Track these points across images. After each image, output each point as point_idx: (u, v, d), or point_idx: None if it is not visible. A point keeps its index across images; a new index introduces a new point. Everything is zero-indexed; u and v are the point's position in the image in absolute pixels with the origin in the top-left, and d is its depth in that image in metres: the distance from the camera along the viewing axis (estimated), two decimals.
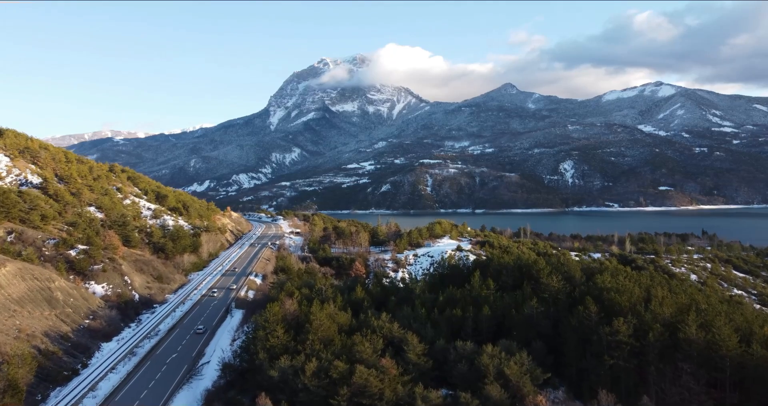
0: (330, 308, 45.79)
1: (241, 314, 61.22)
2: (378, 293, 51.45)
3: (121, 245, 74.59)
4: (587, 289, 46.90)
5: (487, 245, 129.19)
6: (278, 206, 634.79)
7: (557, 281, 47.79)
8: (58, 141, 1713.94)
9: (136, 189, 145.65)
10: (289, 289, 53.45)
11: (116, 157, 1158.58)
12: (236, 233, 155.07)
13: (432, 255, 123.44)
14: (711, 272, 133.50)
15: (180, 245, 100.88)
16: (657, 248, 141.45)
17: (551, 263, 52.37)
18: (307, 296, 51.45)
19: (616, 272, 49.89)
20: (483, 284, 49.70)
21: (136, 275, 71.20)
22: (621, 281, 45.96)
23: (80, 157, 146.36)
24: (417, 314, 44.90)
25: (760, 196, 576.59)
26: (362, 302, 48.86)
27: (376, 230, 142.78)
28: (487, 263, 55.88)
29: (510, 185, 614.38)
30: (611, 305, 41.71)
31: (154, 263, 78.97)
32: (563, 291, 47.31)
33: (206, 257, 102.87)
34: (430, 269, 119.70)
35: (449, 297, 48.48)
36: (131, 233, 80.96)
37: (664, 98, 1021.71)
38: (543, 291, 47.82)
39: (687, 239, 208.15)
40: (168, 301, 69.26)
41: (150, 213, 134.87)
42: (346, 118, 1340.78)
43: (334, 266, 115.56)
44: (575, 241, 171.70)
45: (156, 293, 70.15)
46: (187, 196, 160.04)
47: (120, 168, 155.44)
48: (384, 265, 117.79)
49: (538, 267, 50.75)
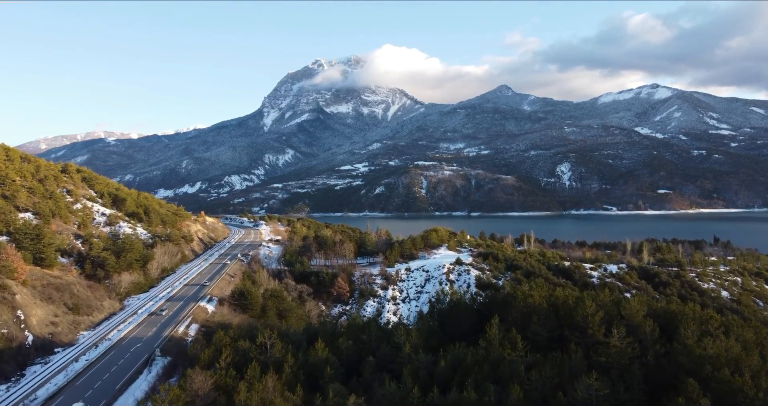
0: (270, 381, 29.15)
1: (165, 364, 44.40)
2: (350, 352, 34.75)
3: (25, 265, 57.41)
4: (666, 350, 30.66)
5: (491, 257, 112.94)
6: (270, 208, 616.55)
7: (619, 337, 31.43)
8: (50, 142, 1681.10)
9: (91, 192, 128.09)
10: (220, 342, 36.73)
11: (107, 158, 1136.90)
12: (207, 242, 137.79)
13: (427, 269, 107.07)
14: (743, 287, 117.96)
15: (125, 259, 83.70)
16: (680, 260, 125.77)
17: (601, 303, 36.21)
18: (243, 354, 34.73)
19: (703, 318, 33.82)
20: (505, 339, 33.26)
21: (40, 306, 54.07)
22: (721, 340, 29.73)
23: (27, 154, 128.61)
24: (406, 394, 28.40)
25: (761, 199, 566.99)
26: (324, 368, 32.20)
27: (364, 238, 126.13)
28: (508, 301, 39.38)
29: (506, 188, 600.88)
30: (721, 386, 25.46)
31: (73, 288, 61.80)
32: (628, 354, 30.95)
33: (156, 273, 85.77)
34: (424, 287, 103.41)
35: (455, 361, 31.96)
36: (46, 249, 63.73)
37: (661, 100, 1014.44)
38: (597, 353, 31.43)
39: (701, 247, 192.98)
40: (78, 342, 52.20)
41: (104, 219, 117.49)
42: (340, 120, 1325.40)
43: (312, 282, 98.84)
44: (584, 250, 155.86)
45: (63, 332, 53.07)
46: (152, 200, 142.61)
47: (75, 168, 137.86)
48: (371, 281, 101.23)
49: (585, 312, 34.42)
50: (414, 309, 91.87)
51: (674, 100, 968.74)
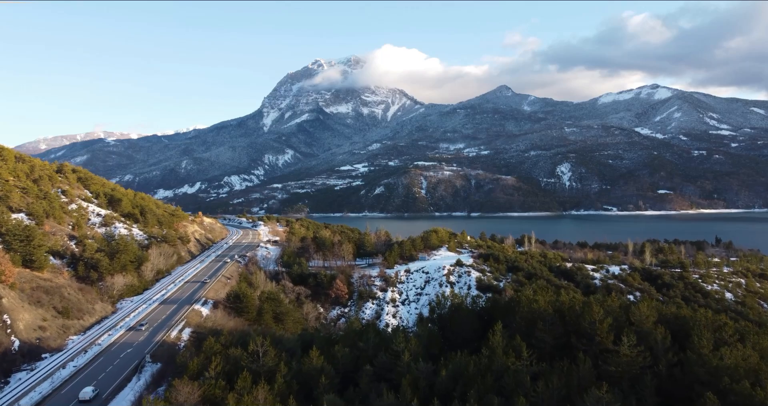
0: (261, 392, 27.57)
1: (155, 371, 42.77)
2: (346, 360, 33.15)
3: (13, 268, 55.80)
4: (679, 360, 29.08)
5: (491, 258, 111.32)
6: (269, 208, 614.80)
7: (629, 345, 29.83)
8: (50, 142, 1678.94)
9: (87, 192, 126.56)
10: (210, 350, 35.12)
11: (107, 158, 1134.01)
12: (204, 243, 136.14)
13: (427, 271, 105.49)
14: (747, 289, 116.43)
15: (119, 261, 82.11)
16: (683, 261, 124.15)
17: (609, 309, 34.60)
18: (235, 363, 33.12)
19: (716, 325, 32.24)
20: (509, 347, 31.67)
21: (28, 310, 52.48)
22: (738, 349, 28.13)
23: (21, 154, 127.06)
24: None
25: (761, 200, 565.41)
26: (319, 377, 30.60)
27: (363, 239, 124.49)
28: (512, 306, 37.78)
29: (506, 188, 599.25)
30: (740, 400, 23.89)
31: (64, 290, 60.20)
32: (639, 363, 29.36)
33: (151, 275, 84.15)
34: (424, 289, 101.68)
35: (457, 370, 30.36)
36: (36, 251, 62.09)
37: (661, 101, 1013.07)
38: (607, 362, 29.84)
39: (703, 248, 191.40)
40: (67, 347, 50.60)
41: (99, 220, 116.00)
42: (340, 120, 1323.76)
43: (310, 284, 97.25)
44: (586, 251, 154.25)
45: (52, 336, 51.48)
46: (149, 200, 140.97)
47: (71, 168, 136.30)
48: (370, 283, 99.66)
49: (593, 318, 32.83)
50: (414, 312, 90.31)
51: (674, 101, 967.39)
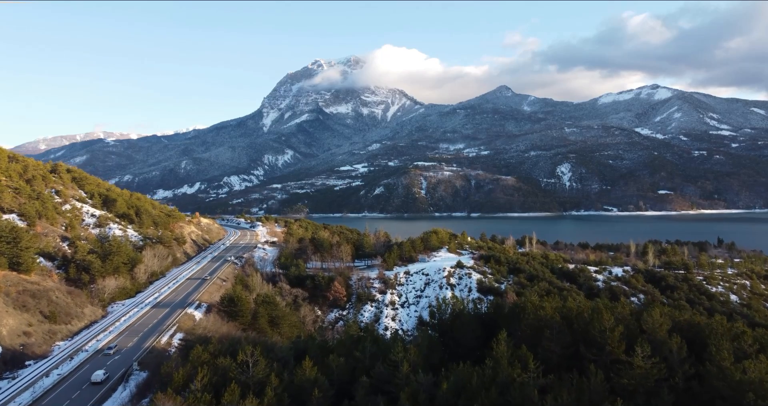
0: (249, 405, 25.61)
1: (140, 381, 40.81)
2: (341, 370, 31.21)
3: (0, 270, 53.88)
4: (696, 372, 27.15)
5: (492, 260, 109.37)
6: (269, 208, 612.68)
7: (643, 356, 27.93)
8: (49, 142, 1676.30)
9: (81, 192, 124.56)
10: (197, 359, 33.17)
11: (106, 158, 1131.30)
12: (201, 244, 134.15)
13: (427, 272, 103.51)
14: (752, 290, 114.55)
15: (112, 263, 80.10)
16: (687, 263, 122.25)
17: (619, 316, 32.67)
18: (223, 374, 31.19)
19: (734, 334, 30.31)
20: (514, 357, 29.75)
21: (12, 315, 50.53)
22: (761, 362, 26.21)
23: (15, 154, 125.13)
24: None
25: (762, 200, 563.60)
26: (312, 390, 28.67)
27: (362, 240, 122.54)
28: (516, 312, 35.82)
29: (506, 188, 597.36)
30: None
31: (51, 294, 58.23)
32: (654, 375, 27.44)
33: (144, 278, 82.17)
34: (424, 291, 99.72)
35: (459, 383, 28.43)
36: (23, 253, 60.13)
37: (661, 101, 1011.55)
38: (619, 374, 27.93)
39: (705, 249, 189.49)
40: (52, 353, 48.64)
41: (93, 221, 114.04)
42: (339, 120, 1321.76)
43: (308, 286, 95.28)
44: (588, 252, 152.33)
45: (37, 342, 49.52)
46: (145, 201, 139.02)
47: (65, 168, 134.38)
48: (369, 285, 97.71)
49: (603, 326, 30.91)
50: (413, 314, 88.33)
51: (674, 101, 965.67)
